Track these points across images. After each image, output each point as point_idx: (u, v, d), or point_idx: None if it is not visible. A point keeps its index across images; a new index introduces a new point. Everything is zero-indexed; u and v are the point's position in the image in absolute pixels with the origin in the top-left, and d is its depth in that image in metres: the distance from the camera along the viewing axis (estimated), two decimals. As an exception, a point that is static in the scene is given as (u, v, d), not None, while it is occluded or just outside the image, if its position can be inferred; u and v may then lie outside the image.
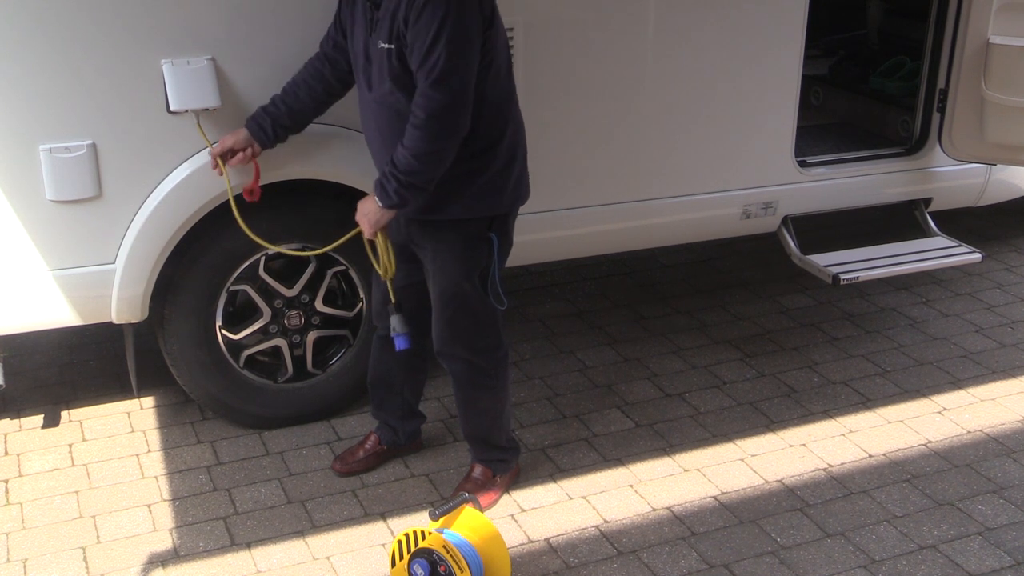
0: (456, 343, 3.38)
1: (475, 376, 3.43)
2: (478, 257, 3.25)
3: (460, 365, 3.42)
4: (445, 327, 3.36)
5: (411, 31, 2.93)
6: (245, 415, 3.91)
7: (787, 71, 4.27)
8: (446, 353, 3.41)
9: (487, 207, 3.20)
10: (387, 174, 3.05)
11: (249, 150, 3.37)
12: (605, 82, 3.96)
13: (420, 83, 2.96)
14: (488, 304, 3.32)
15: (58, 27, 3.20)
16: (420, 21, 2.90)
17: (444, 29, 2.89)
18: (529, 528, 3.48)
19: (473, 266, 3.25)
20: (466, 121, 3.02)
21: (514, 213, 3.33)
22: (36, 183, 3.33)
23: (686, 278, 5.30)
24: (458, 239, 3.21)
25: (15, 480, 3.66)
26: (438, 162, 3.03)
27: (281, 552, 3.34)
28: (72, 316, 3.53)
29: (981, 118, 4.46)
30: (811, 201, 4.55)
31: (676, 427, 4.05)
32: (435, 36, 2.89)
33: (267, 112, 3.35)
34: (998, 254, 5.56)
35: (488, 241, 3.24)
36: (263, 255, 3.70)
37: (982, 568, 3.33)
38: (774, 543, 3.42)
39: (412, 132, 2.98)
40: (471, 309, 3.32)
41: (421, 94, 2.96)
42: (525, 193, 3.32)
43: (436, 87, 2.93)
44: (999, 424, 4.10)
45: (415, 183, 3.04)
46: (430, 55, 2.91)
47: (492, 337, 3.40)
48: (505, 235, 3.31)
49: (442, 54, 2.90)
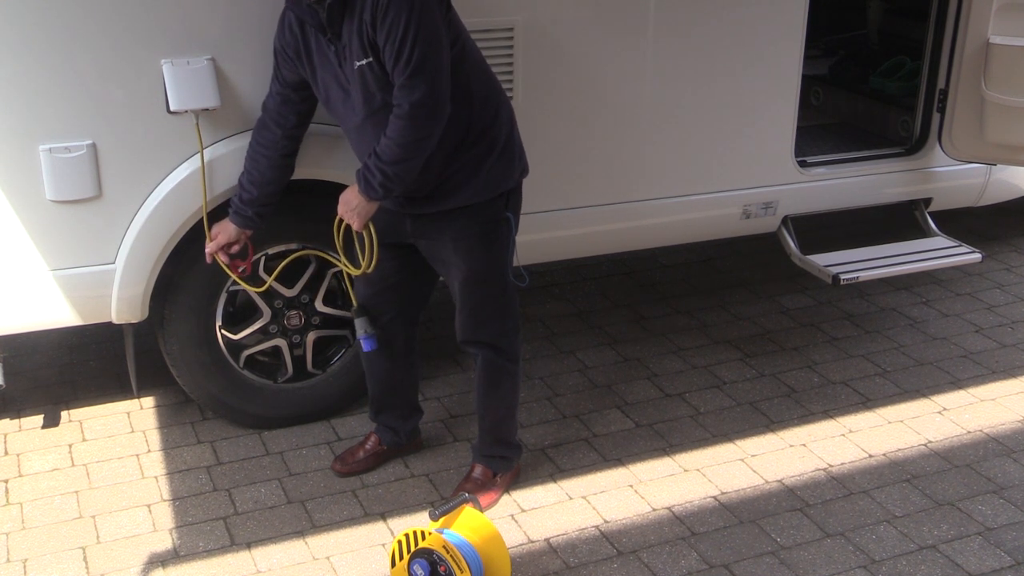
0: (482, 329, 3.41)
1: (500, 360, 3.46)
2: (501, 238, 3.29)
3: (487, 351, 3.44)
4: (471, 317, 3.39)
5: (380, 33, 2.95)
6: (245, 415, 3.91)
7: (787, 71, 4.27)
8: (473, 340, 3.44)
9: (498, 184, 3.24)
10: (371, 167, 3.06)
11: (243, 238, 3.43)
12: (605, 82, 3.96)
13: (398, 77, 2.98)
14: (510, 284, 3.36)
15: (58, 27, 3.20)
16: (387, 19, 2.92)
17: (412, 21, 2.92)
18: (529, 528, 3.48)
19: (499, 248, 3.29)
20: (447, 106, 3.03)
21: (520, 187, 3.37)
22: (36, 183, 3.32)
23: (686, 278, 5.30)
24: (478, 224, 3.24)
25: (15, 480, 3.66)
26: (423, 150, 3.05)
27: (281, 552, 3.34)
28: (72, 316, 3.53)
29: (981, 118, 4.46)
30: (811, 201, 4.55)
31: (676, 427, 4.05)
32: (404, 29, 2.92)
33: (242, 201, 3.36)
34: (998, 254, 5.56)
35: (507, 221, 3.28)
36: (263, 255, 3.70)
37: (982, 568, 3.33)
38: (774, 543, 3.42)
39: (396, 123, 3.00)
40: (496, 295, 3.36)
41: (401, 86, 2.98)
42: (527, 164, 3.37)
43: (415, 77, 2.95)
44: (999, 424, 4.10)
45: (400, 173, 3.05)
46: (403, 49, 2.93)
47: (514, 319, 3.44)
48: (518, 210, 3.36)
49: (415, 45, 2.93)
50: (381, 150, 3.03)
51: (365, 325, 3.50)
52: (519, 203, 3.37)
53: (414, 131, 3.00)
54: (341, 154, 3.59)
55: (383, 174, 3.05)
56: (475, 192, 3.20)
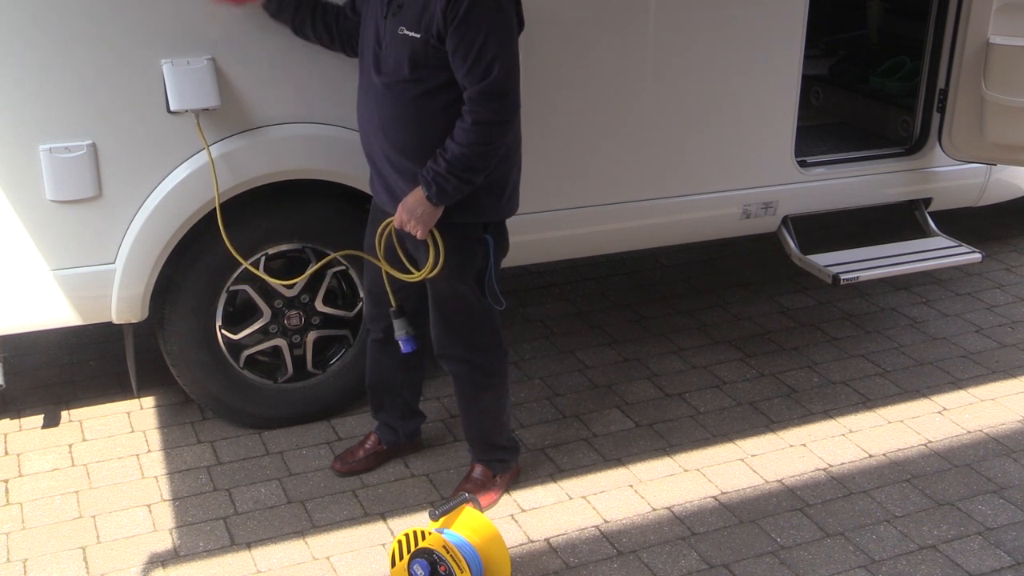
0: (455, 344, 3.39)
1: (476, 376, 3.44)
2: (475, 259, 3.26)
3: (460, 366, 3.43)
4: (443, 329, 3.37)
5: (454, 32, 2.94)
6: (245, 415, 3.91)
7: (787, 71, 4.27)
8: (446, 355, 3.43)
9: (483, 213, 3.23)
10: (443, 173, 3.04)
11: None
12: (605, 82, 3.96)
13: (470, 87, 2.98)
14: (486, 304, 3.33)
15: (58, 27, 3.20)
16: (468, 22, 2.92)
17: (493, 33, 2.94)
18: (529, 528, 3.48)
19: (470, 268, 3.27)
20: (517, 116, 3.09)
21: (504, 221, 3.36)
22: (36, 183, 3.33)
23: (686, 278, 5.30)
24: (454, 241, 3.22)
25: (15, 480, 3.66)
26: (494, 156, 3.09)
27: (281, 552, 3.34)
28: (72, 316, 3.53)
29: (981, 118, 4.46)
30: (811, 201, 4.55)
31: (676, 427, 4.05)
32: (484, 41, 2.93)
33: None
34: (998, 254, 5.56)
35: (484, 243, 3.26)
36: (263, 255, 3.70)
37: (982, 568, 3.33)
38: (774, 543, 3.43)
39: (475, 130, 3.01)
40: (469, 310, 3.33)
41: (472, 100, 2.99)
42: (516, 204, 3.36)
43: (489, 92, 2.97)
44: (999, 424, 4.10)
45: (472, 179, 3.08)
46: (480, 61, 2.94)
47: (491, 337, 3.41)
48: (501, 236, 3.33)
49: (494, 60, 2.95)
50: (453, 156, 3.02)
51: (405, 326, 3.45)
52: (503, 230, 3.35)
53: (488, 140, 3.03)
54: (343, 155, 3.60)
55: (458, 179, 3.05)
56: (459, 213, 3.17)
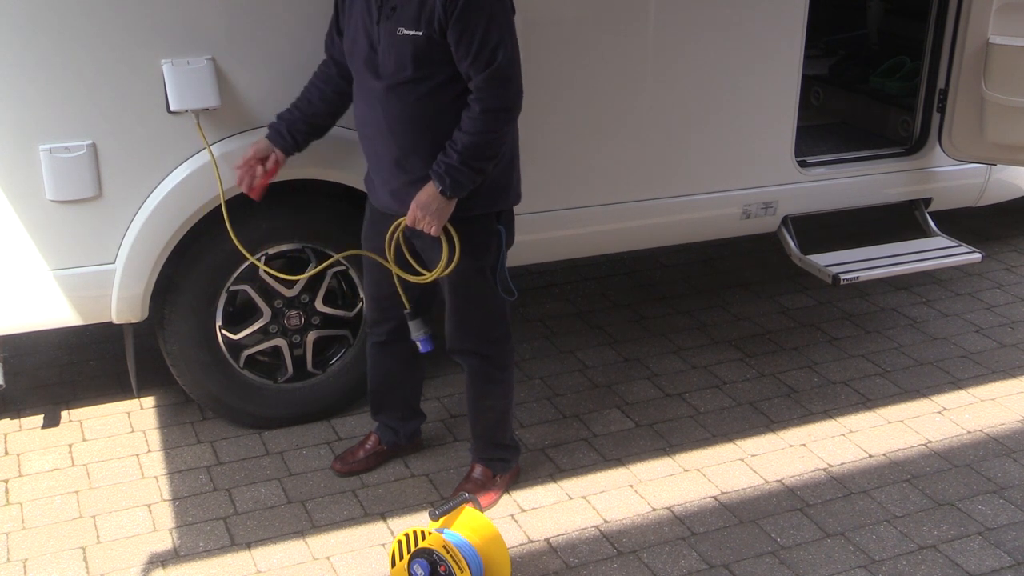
0: (469, 337, 3.41)
1: (488, 369, 3.46)
2: (488, 251, 3.29)
3: (474, 360, 3.45)
4: (458, 323, 3.40)
5: (456, 22, 2.95)
6: (245, 415, 3.91)
7: (787, 71, 4.27)
8: (459, 349, 3.44)
9: (493, 203, 3.25)
10: (455, 164, 3.05)
11: (273, 156, 3.35)
12: (605, 82, 3.96)
13: (475, 75, 3.01)
14: (498, 296, 3.35)
15: (58, 27, 3.20)
16: (469, 11, 2.94)
17: (494, 20, 2.97)
18: (529, 528, 3.48)
19: (485, 260, 3.29)
20: (521, 101, 3.11)
21: (512, 209, 3.37)
22: (36, 183, 3.33)
23: (686, 278, 5.30)
24: (469, 235, 3.23)
25: (15, 480, 3.66)
26: (504, 142, 3.12)
27: (281, 552, 3.34)
28: (72, 316, 3.53)
29: (981, 118, 4.46)
30: (811, 201, 4.55)
31: (676, 427, 4.05)
32: (487, 28, 2.96)
33: (282, 119, 3.37)
34: (998, 254, 5.56)
35: (497, 233, 3.28)
36: (263, 255, 3.70)
37: (982, 568, 3.33)
38: (774, 543, 3.43)
39: (481, 117, 3.03)
40: (483, 303, 3.36)
41: (479, 87, 3.01)
42: (520, 192, 3.37)
43: (495, 78, 3.00)
44: (999, 424, 4.10)
45: (484, 168, 3.10)
46: (484, 48, 2.97)
47: (502, 328, 3.44)
48: (511, 226, 3.36)
49: (498, 46, 2.98)
50: (464, 146, 3.04)
51: (421, 326, 3.45)
52: (511, 220, 3.36)
53: (497, 127, 3.06)
54: (345, 155, 3.60)
55: (471, 168, 3.06)
56: (470, 206, 3.18)
